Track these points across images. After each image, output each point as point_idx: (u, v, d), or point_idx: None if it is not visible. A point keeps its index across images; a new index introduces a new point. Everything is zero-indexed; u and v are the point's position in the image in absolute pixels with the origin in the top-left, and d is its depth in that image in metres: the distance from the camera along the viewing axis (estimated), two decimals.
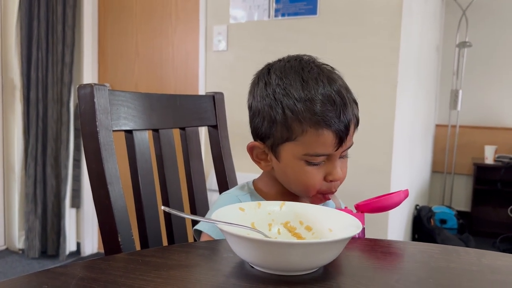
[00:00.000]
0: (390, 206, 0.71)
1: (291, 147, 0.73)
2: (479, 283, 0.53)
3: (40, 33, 2.69)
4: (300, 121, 0.71)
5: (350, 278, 0.53)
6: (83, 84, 0.79)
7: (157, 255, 0.59)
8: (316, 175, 0.74)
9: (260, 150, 0.79)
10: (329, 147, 0.71)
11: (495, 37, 3.61)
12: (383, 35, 1.97)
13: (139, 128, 0.89)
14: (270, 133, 0.75)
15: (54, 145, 2.77)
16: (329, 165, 0.74)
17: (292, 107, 0.71)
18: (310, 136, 0.71)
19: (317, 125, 0.70)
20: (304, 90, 0.71)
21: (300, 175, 0.74)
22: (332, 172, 0.74)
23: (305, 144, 0.72)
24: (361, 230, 0.55)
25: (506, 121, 3.61)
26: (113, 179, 0.79)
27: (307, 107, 0.70)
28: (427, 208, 3.05)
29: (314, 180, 0.74)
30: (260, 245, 0.51)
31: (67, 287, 0.48)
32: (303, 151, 0.72)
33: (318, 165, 0.73)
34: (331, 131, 0.70)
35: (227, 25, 2.29)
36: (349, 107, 0.72)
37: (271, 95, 0.73)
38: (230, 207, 0.64)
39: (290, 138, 0.72)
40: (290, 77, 0.73)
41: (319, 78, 0.72)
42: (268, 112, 0.73)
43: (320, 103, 0.70)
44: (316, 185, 0.74)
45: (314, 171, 0.73)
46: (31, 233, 2.77)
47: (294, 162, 0.74)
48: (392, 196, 0.70)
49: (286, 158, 0.75)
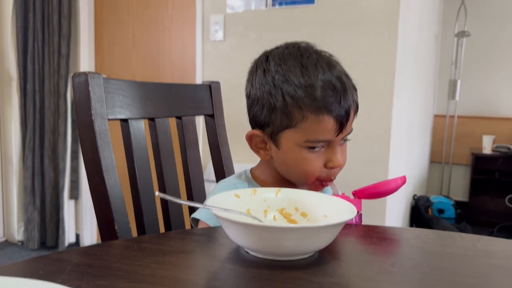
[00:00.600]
0: (387, 192, 0.71)
1: (291, 134, 0.73)
2: (474, 267, 0.53)
3: (36, 24, 2.67)
4: (300, 107, 0.70)
5: (345, 262, 0.54)
6: (78, 73, 0.79)
7: (153, 241, 0.59)
8: (316, 162, 0.73)
9: (259, 138, 0.78)
10: (330, 133, 0.71)
11: (494, 27, 3.59)
12: (381, 24, 1.96)
13: (135, 117, 0.89)
14: (269, 121, 0.74)
15: (51, 137, 2.76)
16: (329, 152, 0.74)
17: (292, 93, 0.70)
18: (311, 122, 0.70)
19: (317, 111, 0.70)
20: (304, 76, 0.70)
21: (300, 163, 0.73)
22: (332, 159, 0.73)
23: (305, 131, 0.71)
24: (356, 215, 0.55)
25: (504, 111, 3.61)
26: (109, 167, 0.79)
27: (307, 93, 0.70)
28: (425, 198, 3.06)
29: (314, 167, 0.73)
30: (255, 230, 0.51)
31: (62, 272, 0.48)
32: (303, 138, 0.72)
33: (318, 151, 0.73)
34: (331, 116, 0.70)
35: (224, 15, 2.27)
36: (349, 93, 0.72)
37: (270, 82, 0.73)
38: (226, 194, 0.64)
39: (290, 125, 0.72)
40: (289, 63, 0.72)
41: (318, 64, 0.72)
42: (268, 100, 0.73)
43: (320, 88, 0.70)
44: (316, 172, 0.74)
45: (314, 158, 0.73)
46: (30, 224, 2.78)
47: (294, 149, 0.73)
48: (389, 182, 0.70)
49: (286, 145, 0.74)
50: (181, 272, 0.49)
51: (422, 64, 2.97)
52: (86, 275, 0.47)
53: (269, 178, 0.82)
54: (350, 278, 0.49)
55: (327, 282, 0.47)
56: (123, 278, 0.47)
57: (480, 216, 3.43)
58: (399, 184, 0.71)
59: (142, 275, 0.47)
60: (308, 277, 0.48)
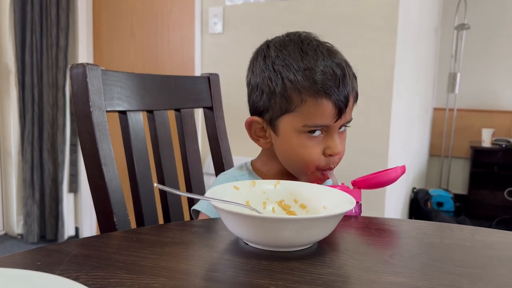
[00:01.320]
0: (387, 182, 0.71)
1: (290, 119, 0.72)
2: (472, 258, 0.53)
3: (34, 16, 2.66)
4: (299, 90, 0.70)
5: (343, 253, 0.54)
6: (76, 64, 0.78)
7: (151, 233, 0.59)
8: (314, 149, 0.73)
9: (258, 126, 0.78)
10: (328, 118, 0.71)
11: (494, 20, 3.58)
12: (380, 16, 1.95)
13: (133, 109, 0.88)
14: (269, 106, 0.74)
15: (50, 130, 2.76)
16: (328, 139, 0.73)
17: (292, 77, 0.70)
18: (309, 106, 0.70)
19: (316, 95, 0.70)
20: (303, 61, 0.71)
21: (299, 149, 0.73)
22: (331, 146, 0.73)
23: (304, 115, 0.71)
24: (355, 205, 0.55)
25: (503, 104, 3.60)
26: (107, 159, 0.79)
27: (306, 76, 0.70)
28: (424, 191, 3.06)
29: (313, 154, 0.73)
30: (254, 221, 0.51)
31: (61, 263, 0.48)
32: (302, 122, 0.72)
33: (317, 138, 0.73)
34: (330, 101, 0.70)
35: (223, 7, 2.26)
36: (349, 79, 0.72)
37: (270, 67, 0.73)
38: (225, 186, 0.64)
39: (289, 109, 0.72)
40: (289, 48, 0.73)
41: (319, 50, 0.72)
42: (267, 85, 0.73)
43: (320, 72, 0.70)
44: (315, 160, 0.73)
45: (313, 144, 0.73)
46: (30, 218, 2.78)
47: (293, 135, 0.73)
48: (389, 172, 0.70)
49: (284, 131, 0.74)
50: (180, 262, 0.49)
51: (422, 57, 2.96)
52: (84, 266, 0.47)
53: (270, 170, 0.81)
54: (348, 269, 0.49)
55: (325, 273, 0.47)
56: (122, 269, 0.47)
57: (479, 209, 3.43)
58: (399, 174, 0.71)
59: (140, 266, 0.47)
60: (306, 267, 0.48)
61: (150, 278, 0.45)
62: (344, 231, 0.61)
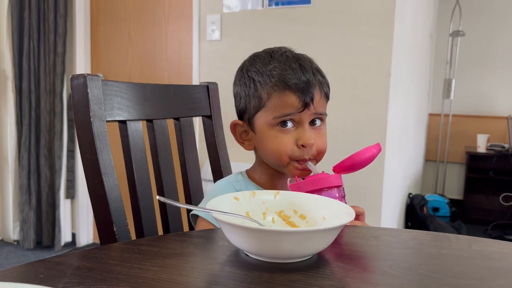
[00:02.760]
0: (363, 162, 0.73)
1: (262, 115, 0.80)
2: (470, 269, 0.54)
3: (32, 22, 2.66)
4: (265, 87, 0.79)
5: (343, 264, 0.54)
6: (76, 75, 0.79)
7: (152, 244, 0.60)
8: (286, 139, 0.78)
9: (241, 129, 0.85)
10: (294, 107, 0.77)
11: (488, 26, 3.61)
12: (376, 24, 1.96)
13: (133, 119, 0.89)
14: (246, 108, 0.83)
15: (47, 136, 2.75)
16: (299, 131, 0.79)
17: (260, 78, 0.80)
18: (275, 99, 0.78)
19: (277, 87, 0.78)
20: (270, 64, 0.80)
21: (272, 142, 0.79)
22: (302, 137, 0.78)
23: (272, 108, 0.79)
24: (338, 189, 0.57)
25: (498, 110, 3.63)
26: (107, 169, 0.80)
27: (270, 73, 0.79)
28: (420, 197, 3.07)
29: (285, 145, 0.78)
30: (254, 233, 0.51)
31: (63, 276, 0.48)
32: (271, 115, 0.79)
33: (289, 130, 0.78)
34: (292, 91, 0.77)
35: (220, 14, 2.27)
36: (309, 72, 0.79)
37: (245, 74, 0.83)
38: (225, 197, 0.64)
39: (260, 106, 0.80)
40: (261, 57, 0.83)
41: (286, 55, 0.81)
42: (243, 89, 0.83)
43: (279, 68, 0.79)
44: (288, 150, 0.78)
45: (285, 136, 0.78)
46: (26, 224, 2.77)
47: (267, 129, 0.80)
48: (364, 152, 0.73)
49: (259, 127, 0.81)
50: (181, 275, 0.50)
51: (417, 64, 2.98)
52: (87, 278, 0.48)
53: (262, 176, 0.86)
54: (348, 281, 0.50)
55: (326, 285, 0.47)
56: (124, 281, 0.47)
57: (474, 214, 3.45)
58: (375, 152, 0.72)
59: (142, 278, 0.48)
60: (307, 279, 0.48)
61: None
62: (343, 241, 0.62)
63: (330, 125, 0.92)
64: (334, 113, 1.91)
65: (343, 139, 1.99)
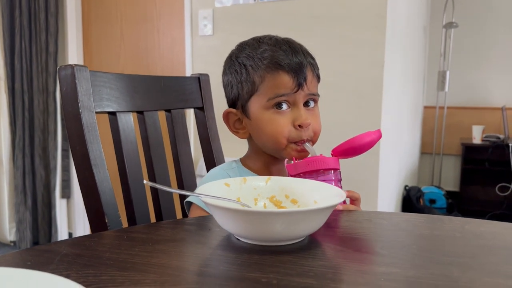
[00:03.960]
0: (362, 146, 0.72)
1: (256, 99, 0.80)
2: (462, 248, 0.53)
3: (23, 22, 2.64)
4: (257, 71, 0.79)
5: (335, 246, 0.54)
6: (64, 66, 0.78)
7: (143, 231, 0.59)
8: (282, 121, 0.78)
9: (235, 117, 0.84)
10: (287, 87, 0.77)
11: (482, 17, 3.62)
12: (369, 16, 1.96)
13: (123, 110, 0.88)
14: (238, 95, 0.82)
15: (41, 135, 2.74)
16: (295, 111, 0.78)
17: (251, 62, 0.79)
18: (268, 81, 0.78)
19: (269, 69, 0.77)
20: (260, 48, 0.80)
21: (268, 125, 0.78)
22: (298, 117, 0.78)
23: (266, 90, 0.78)
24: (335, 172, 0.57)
25: (493, 101, 3.64)
26: (97, 160, 0.79)
27: (261, 56, 0.79)
28: (416, 188, 3.08)
29: (282, 126, 0.77)
30: (245, 215, 0.51)
31: (51, 263, 0.47)
32: (265, 98, 0.78)
33: (284, 112, 0.78)
34: (285, 71, 0.77)
35: (212, 9, 2.26)
36: (300, 53, 0.79)
37: (235, 61, 0.83)
38: (216, 183, 0.64)
39: (254, 90, 0.79)
40: (249, 43, 0.83)
41: (275, 38, 0.81)
42: (235, 76, 0.82)
43: (269, 50, 0.78)
44: (284, 131, 0.77)
45: (280, 118, 0.78)
46: (22, 224, 2.75)
47: (262, 113, 0.79)
48: (364, 136, 0.72)
49: (254, 112, 0.80)
50: (171, 259, 0.49)
51: (411, 56, 2.98)
52: (74, 264, 0.47)
53: (256, 163, 0.85)
54: (339, 261, 0.49)
55: (316, 265, 0.47)
56: (113, 266, 0.47)
57: (471, 205, 3.46)
58: (374, 138, 0.72)
59: (131, 263, 0.47)
60: (298, 260, 0.48)
61: (141, 274, 0.44)
62: (335, 225, 0.62)
63: (324, 118, 0.91)
64: (327, 106, 1.91)
65: (336, 132, 1.98)
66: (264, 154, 0.84)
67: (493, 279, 0.44)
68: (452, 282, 0.43)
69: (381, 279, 0.43)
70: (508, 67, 3.59)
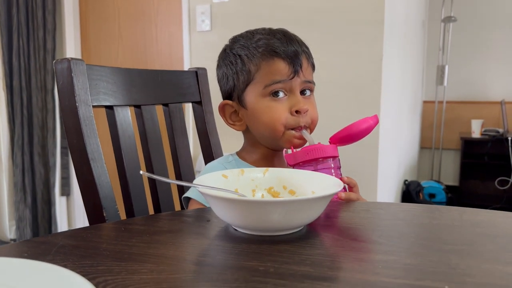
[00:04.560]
0: (360, 133, 0.72)
1: (252, 88, 0.79)
2: (460, 236, 0.53)
3: (20, 20, 2.63)
4: (253, 59, 0.79)
5: (333, 235, 0.54)
6: (60, 59, 0.78)
7: (140, 223, 0.59)
8: (279, 108, 0.78)
9: (231, 109, 0.84)
10: (284, 74, 0.77)
11: (480, 11, 3.61)
12: (367, 11, 1.95)
13: (120, 104, 0.88)
14: (234, 86, 0.82)
15: (40, 133, 2.73)
16: (292, 98, 0.79)
17: (245, 51, 0.79)
18: (264, 68, 0.78)
19: (265, 56, 0.78)
20: (254, 37, 0.80)
21: (266, 113, 0.78)
22: (295, 103, 0.78)
23: (262, 78, 0.78)
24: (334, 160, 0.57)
25: (492, 95, 3.63)
26: (95, 154, 0.79)
27: (256, 45, 0.79)
28: (416, 183, 3.08)
29: (279, 113, 0.77)
30: (242, 205, 0.50)
31: (48, 254, 0.47)
32: (262, 85, 0.78)
33: (281, 99, 0.78)
34: (281, 58, 0.77)
35: (210, 4, 2.25)
36: (295, 41, 0.79)
37: (229, 53, 0.83)
38: (213, 174, 0.64)
39: (250, 79, 0.79)
40: (242, 35, 0.83)
41: (269, 29, 0.81)
42: (230, 68, 0.81)
43: (264, 38, 0.79)
44: (282, 118, 0.77)
45: (278, 105, 0.78)
46: (22, 222, 2.75)
47: (258, 101, 0.79)
48: (360, 122, 0.72)
49: (251, 101, 0.80)
50: (169, 249, 0.49)
51: (410, 51, 2.97)
52: (72, 255, 0.47)
53: (253, 156, 0.85)
54: (337, 250, 0.49)
55: (314, 254, 0.47)
56: (110, 257, 0.46)
57: (470, 199, 3.46)
58: (371, 124, 0.72)
59: (128, 254, 0.47)
60: (295, 249, 0.48)
61: (138, 264, 0.44)
62: (333, 215, 0.62)
63: (323, 113, 0.91)
64: (326, 101, 1.90)
65: (335, 126, 1.98)
66: (261, 146, 0.84)
67: (492, 265, 0.44)
68: (451, 269, 0.42)
69: (378, 266, 0.43)
70: (506, 61, 3.59)
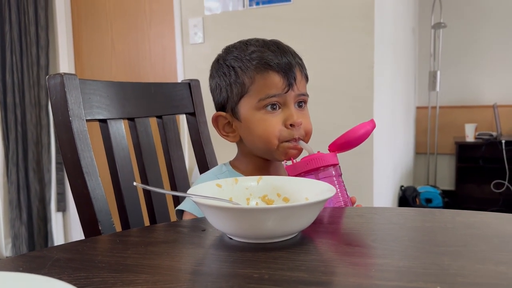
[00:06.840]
0: (358, 138, 0.73)
1: (247, 100, 0.79)
2: (454, 238, 0.54)
3: (13, 36, 2.64)
4: (247, 72, 0.78)
5: (327, 241, 0.54)
6: (53, 75, 0.79)
7: (135, 234, 0.59)
8: (273, 121, 0.78)
9: (224, 120, 0.83)
10: (278, 87, 0.77)
11: (470, 16, 3.65)
12: (357, 19, 1.98)
13: (114, 117, 0.88)
14: (227, 97, 0.81)
15: (35, 149, 2.73)
16: (285, 111, 0.79)
17: (239, 63, 0.79)
18: (258, 81, 0.78)
19: (259, 69, 0.77)
20: (248, 49, 0.79)
21: (259, 126, 0.78)
22: (289, 117, 0.78)
23: (256, 91, 0.78)
24: (334, 167, 0.57)
25: (484, 99, 3.66)
26: (89, 168, 0.79)
27: (251, 59, 0.78)
28: (412, 188, 3.09)
29: (273, 126, 0.77)
30: (236, 213, 0.51)
31: (43, 268, 0.47)
32: (256, 98, 0.78)
33: (275, 112, 0.78)
34: (275, 71, 0.77)
35: (202, 17, 2.27)
36: (289, 53, 0.79)
37: (223, 64, 0.82)
38: (207, 184, 0.64)
39: (244, 92, 0.79)
40: (236, 46, 0.83)
41: (262, 40, 0.81)
42: (223, 79, 0.81)
43: (258, 51, 0.79)
44: (275, 131, 0.77)
45: (272, 118, 0.78)
46: (18, 240, 2.73)
47: (252, 114, 0.79)
48: (358, 128, 0.73)
49: (245, 113, 0.80)
50: (164, 260, 0.49)
51: (401, 57, 3.00)
52: (67, 268, 0.47)
53: (247, 167, 0.85)
54: (331, 255, 0.49)
55: (308, 259, 0.47)
56: (105, 269, 0.47)
57: (467, 203, 3.47)
58: (369, 129, 0.72)
59: (123, 265, 0.47)
60: (290, 256, 0.48)
61: (133, 275, 0.44)
62: (327, 221, 0.62)
63: (316, 121, 0.91)
64: (319, 109, 1.91)
65: (329, 135, 1.99)
66: (254, 156, 0.84)
67: (484, 265, 0.44)
68: (443, 270, 0.43)
69: (372, 270, 0.44)
70: (497, 65, 3.63)
